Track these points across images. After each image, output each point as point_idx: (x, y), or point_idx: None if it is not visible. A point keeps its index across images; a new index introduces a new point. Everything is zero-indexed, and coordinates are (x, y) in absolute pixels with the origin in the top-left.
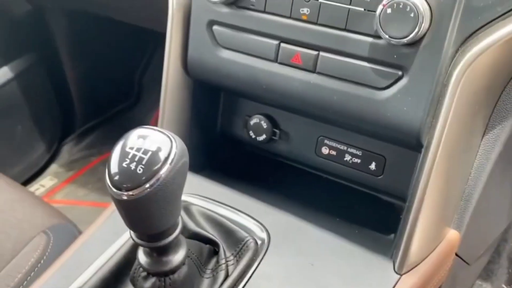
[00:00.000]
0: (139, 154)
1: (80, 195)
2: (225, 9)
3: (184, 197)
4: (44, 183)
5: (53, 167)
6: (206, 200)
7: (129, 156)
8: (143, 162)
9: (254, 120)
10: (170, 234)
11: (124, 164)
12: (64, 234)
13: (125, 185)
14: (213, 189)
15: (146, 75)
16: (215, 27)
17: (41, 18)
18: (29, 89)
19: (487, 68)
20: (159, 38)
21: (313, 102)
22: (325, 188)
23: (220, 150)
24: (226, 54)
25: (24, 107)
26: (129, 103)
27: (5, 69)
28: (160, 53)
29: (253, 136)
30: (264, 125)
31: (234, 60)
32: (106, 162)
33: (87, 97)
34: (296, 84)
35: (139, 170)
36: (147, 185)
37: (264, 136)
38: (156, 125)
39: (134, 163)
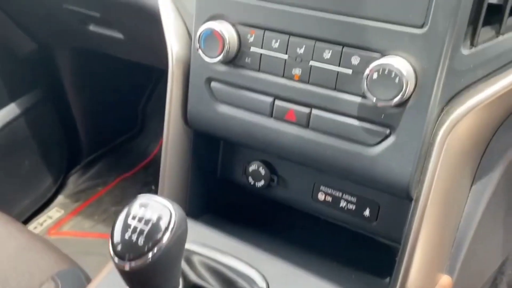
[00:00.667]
0: (140, 225)
1: (87, 226)
2: (222, 67)
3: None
4: (51, 215)
5: (60, 198)
6: (207, 247)
7: (131, 228)
8: (144, 234)
9: (252, 167)
10: None
11: (126, 236)
12: (72, 280)
13: (127, 255)
14: (213, 236)
15: (150, 104)
16: (213, 84)
17: (47, 55)
18: (36, 124)
19: (471, 128)
20: (162, 70)
21: (307, 155)
22: (323, 230)
23: (220, 194)
24: (224, 108)
25: (31, 142)
26: (133, 133)
27: (12, 106)
28: (163, 83)
29: (252, 182)
30: (262, 171)
31: (232, 114)
32: (111, 194)
33: (92, 129)
34: (291, 138)
35: (140, 242)
36: (149, 256)
37: (262, 182)
38: (160, 153)
39: (136, 234)
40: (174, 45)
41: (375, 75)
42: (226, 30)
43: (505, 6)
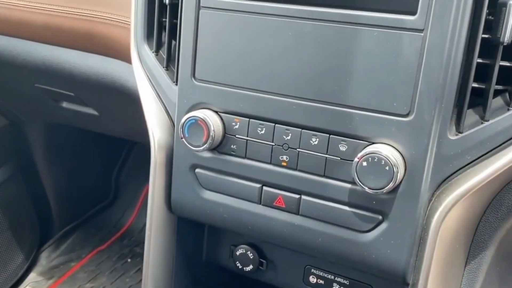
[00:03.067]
0: None
1: None
2: (207, 154)
3: None
4: None
5: (32, 276)
6: None
7: None
8: None
9: (240, 251)
10: None
11: None
12: None
13: None
14: None
15: (123, 173)
16: (197, 170)
17: (18, 131)
18: (6, 201)
19: (462, 213)
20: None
21: (299, 242)
22: None
23: (207, 278)
24: (209, 195)
25: (2, 219)
26: (107, 203)
27: None
28: (136, 151)
29: (240, 267)
30: (251, 255)
31: (218, 201)
32: (86, 269)
33: (65, 201)
34: (280, 225)
35: None
36: None
37: (251, 267)
38: (135, 223)
39: None
40: (156, 132)
41: (364, 163)
42: (211, 118)
43: (488, 89)
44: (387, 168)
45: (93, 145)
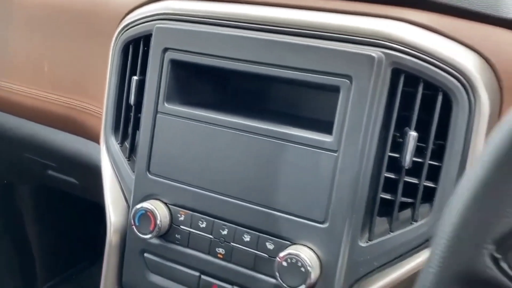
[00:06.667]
0: None
1: None
2: (155, 241)
3: None
4: None
5: None
6: None
7: None
8: None
9: None
10: None
11: None
12: None
13: None
14: None
15: None
16: (146, 255)
17: (6, 190)
18: None
19: None
20: None
21: None
22: None
23: None
24: (156, 279)
25: None
26: (91, 260)
27: None
28: None
29: None
30: None
31: (163, 285)
32: None
33: (49, 256)
34: None
35: None
36: None
37: None
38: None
39: None
40: (112, 215)
41: (284, 263)
42: (159, 210)
43: (395, 201)
44: (302, 269)
45: (80, 204)
